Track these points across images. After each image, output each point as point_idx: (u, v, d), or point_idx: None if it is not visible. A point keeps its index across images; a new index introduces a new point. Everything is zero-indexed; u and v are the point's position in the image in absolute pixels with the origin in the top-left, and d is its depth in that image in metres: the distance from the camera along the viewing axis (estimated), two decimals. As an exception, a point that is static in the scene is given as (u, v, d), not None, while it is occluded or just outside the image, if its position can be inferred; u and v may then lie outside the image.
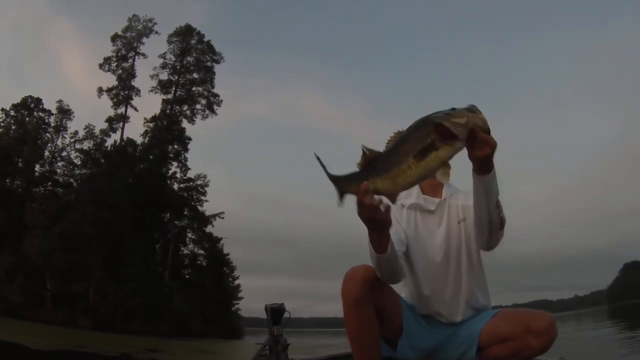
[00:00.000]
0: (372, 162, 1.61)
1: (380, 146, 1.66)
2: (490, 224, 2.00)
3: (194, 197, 45.51)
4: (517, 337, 2.08)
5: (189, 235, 45.60)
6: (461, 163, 1.77)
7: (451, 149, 1.51)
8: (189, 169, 45.42)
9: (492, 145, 1.63)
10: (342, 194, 1.69)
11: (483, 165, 1.78)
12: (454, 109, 1.52)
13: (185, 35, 46.54)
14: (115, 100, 43.54)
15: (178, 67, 46.18)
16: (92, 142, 43.43)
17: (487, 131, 1.57)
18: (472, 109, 1.52)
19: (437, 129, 1.47)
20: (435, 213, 2.44)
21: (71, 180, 42.55)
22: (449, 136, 1.47)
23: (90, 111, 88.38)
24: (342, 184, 1.68)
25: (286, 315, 3.10)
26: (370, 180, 1.60)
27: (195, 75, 47.03)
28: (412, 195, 2.55)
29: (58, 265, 32.24)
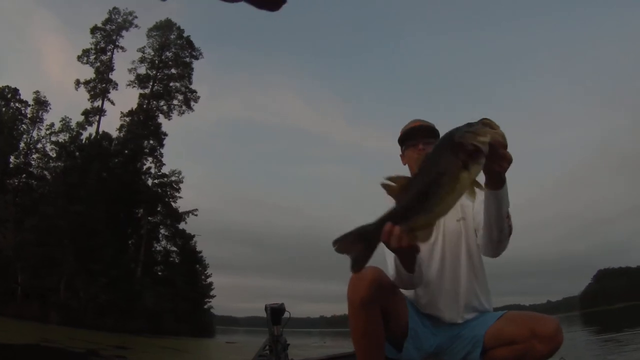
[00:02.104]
0: (401, 196, 1.54)
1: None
2: (500, 234, 2.07)
3: (168, 193, 45.66)
4: (523, 340, 2.08)
5: (162, 231, 45.94)
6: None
7: (479, 167, 1.49)
8: (164, 164, 45.65)
9: (510, 160, 1.69)
10: (374, 247, 1.58)
11: (498, 180, 1.84)
12: (470, 124, 1.52)
13: (165, 30, 46.68)
14: (92, 93, 43.57)
15: (156, 61, 46.36)
16: (68, 134, 43.24)
17: (505, 146, 1.63)
18: (489, 124, 1.54)
19: (464, 148, 1.46)
20: None
21: (45, 173, 42.35)
22: (476, 155, 1.47)
23: (67, 103, 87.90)
24: (372, 237, 1.57)
25: (286, 315, 3.15)
26: (412, 220, 1.52)
27: (173, 71, 47.27)
28: None
29: (29, 259, 32.17)
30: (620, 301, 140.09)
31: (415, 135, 2.61)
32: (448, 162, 1.46)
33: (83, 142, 42.53)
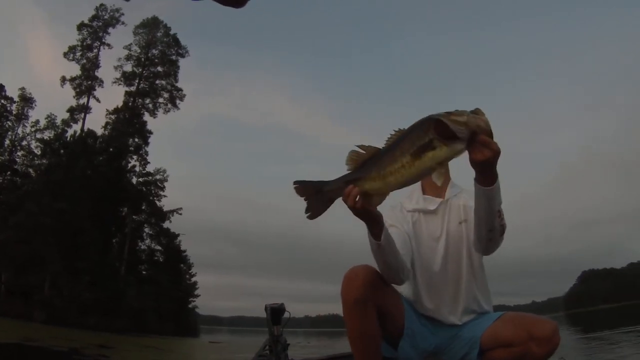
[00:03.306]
0: (364, 162, 1.63)
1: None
2: (491, 232, 2.07)
3: (153, 191, 45.84)
4: (520, 343, 2.08)
5: (146, 230, 46.02)
6: (466, 161, 1.75)
7: (449, 150, 1.50)
8: (149, 162, 45.81)
9: (494, 150, 1.65)
10: (328, 201, 1.74)
11: (485, 172, 1.81)
12: (456, 110, 1.53)
13: (152, 28, 46.82)
14: (77, 90, 43.54)
15: (143, 59, 46.53)
16: (53, 132, 43.17)
17: (490, 134, 1.58)
18: (475, 112, 1.54)
19: (437, 127, 1.47)
20: (436, 213, 2.49)
21: (30, 170, 42.33)
22: (448, 136, 1.47)
23: (53, 100, 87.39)
24: (328, 189, 1.71)
25: (286, 315, 3.14)
26: (359, 182, 1.63)
27: (159, 68, 47.47)
28: (413, 198, 2.65)
29: (13, 257, 32.00)
30: (604, 302, 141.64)
31: None
32: (415, 137, 1.51)
33: (68, 139, 42.44)
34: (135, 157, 45.22)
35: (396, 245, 2.19)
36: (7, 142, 43.36)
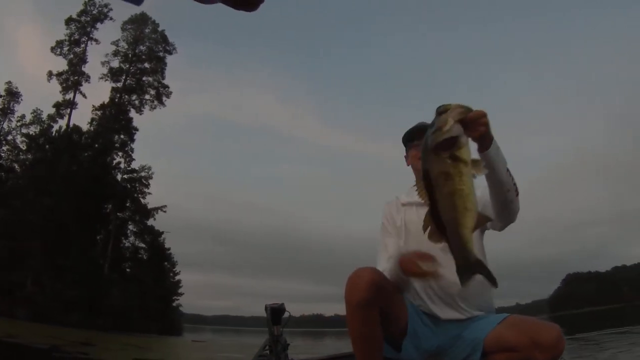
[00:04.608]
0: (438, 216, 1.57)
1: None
2: (509, 192, 2.07)
3: (137, 188, 46.02)
4: (523, 348, 2.07)
5: (131, 227, 46.09)
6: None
7: (466, 148, 1.52)
8: (134, 159, 46.05)
9: (483, 117, 1.70)
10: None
11: (485, 140, 1.85)
12: (430, 125, 1.56)
13: (140, 24, 46.89)
14: (64, 85, 43.62)
15: (130, 55, 46.63)
16: (38, 127, 43.38)
17: (469, 110, 1.60)
18: (443, 110, 1.56)
19: (440, 148, 1.49)
20: None
21: (15, 165, 42.38)
22: (454, 142, 1.49)
23: (39, 95, 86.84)
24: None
25: (286, 315, 3.17)
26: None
27: (146, 65, 47.62)
28: (408, 191, 2.71)
29: None
30: (589, 305, 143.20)
31: (418, 136, 2.64)
32: (440, 166, 1.50)
33: (53, 134, 42.53)
34: (120, 153, 45.40)
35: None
36: (-8, 136, 43.19)
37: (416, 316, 2.41)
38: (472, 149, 1.60)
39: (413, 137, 2.75)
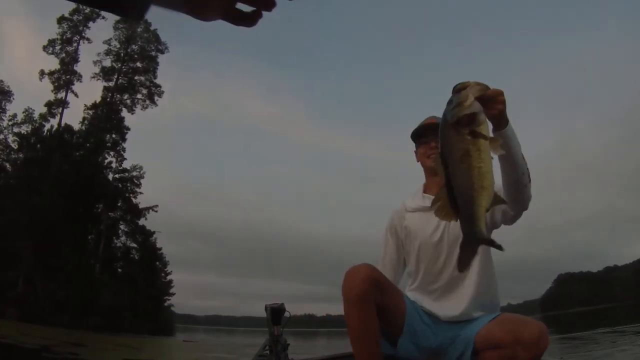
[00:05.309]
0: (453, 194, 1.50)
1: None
2: (523, 176, 2.03)
3: (129, 188, 45.84)
4: (507, 346, 2.08)
5: (122, 227, 45.89)
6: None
7: (485, 126, 1.48)
8: (125, 159, 45.88)
9: (501, 96, 1.71)
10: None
11: (502, 119, 1.82)
12: (449, 102, 1.51)
13: (132, 23, 45.99)
14: (56, 84, 43.52)
15: (122, 54, 46.48)
16: (30, 126, 43.23)
17: (487, 88, 1.59)
18: (461, 88, 1.52)
19: (461, 123, 1.45)
20: None
21: (7, 164, 42.18)
22: (474, 118, 1.46)
23: (31, 94, 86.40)
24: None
25: (286, 315, 3.19)
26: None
27: (138, 64, 47.42)
28: (415, 197, 2.75)
29: None
30: (581, 305, 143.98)
31: (428, 133, 2.69)
32: (460, 142, 1.46)
33: (45, 134, 42.41)
34: (112, 153, 45.23)
35: (390, 270, 2.62)
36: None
37: (416, 314, 2.44)
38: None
39: (423, 134, 2.76)
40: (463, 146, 1.45)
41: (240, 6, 0.67)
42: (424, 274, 2.56)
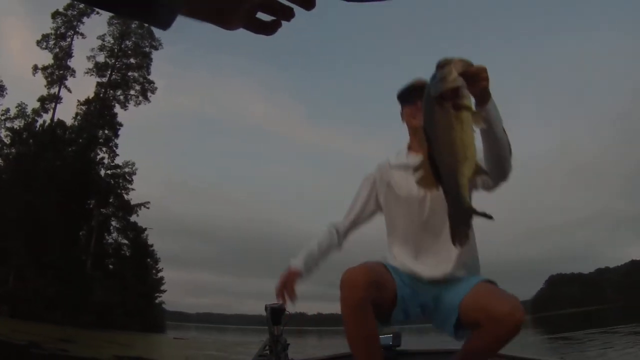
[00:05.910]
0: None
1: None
2: (504, 150, 2.05)
3: (121, 184, 45.90)
4: (480, 322, 2.08)
5: (114, 223, 45.98)
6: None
7: (468, 100, 1.46)
8: (117, 155, 45.96)
9: (484, 72, 1.70)
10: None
11: (484, 95, 1.82)
12: (433, 76, 1.49)
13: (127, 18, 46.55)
14: (49, 79, 43.58)
15: (116, 50, 46.56)
16: (23, 121, 43.14)
17: (470, 64, 1.59)
18: (445, 62, 1.50)
19: (444, 96, 1.42)
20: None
21: (-1, 159, 42.07)
22: (457, 92, 1.44)
23: (24, 89, 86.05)
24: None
25: (287, 315, 3.21)
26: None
27: (132, 60, 47.48)
28: (399, 154, 2.75)
29: None
30: (572, 306, 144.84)
31: (414, 93, 2.64)
32: (444, 115, 1.44)
33: (37, 129, 42.46)
34: (104, 149, 45.35)
35: (349, 222, 2.74)
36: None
37: (401, 283, 2.43)
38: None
39: (409, 94, 2.70)
40: (447, 119, 1.45)
41: (261, 15, 0.71)
42: (405, 228, 2.58)
